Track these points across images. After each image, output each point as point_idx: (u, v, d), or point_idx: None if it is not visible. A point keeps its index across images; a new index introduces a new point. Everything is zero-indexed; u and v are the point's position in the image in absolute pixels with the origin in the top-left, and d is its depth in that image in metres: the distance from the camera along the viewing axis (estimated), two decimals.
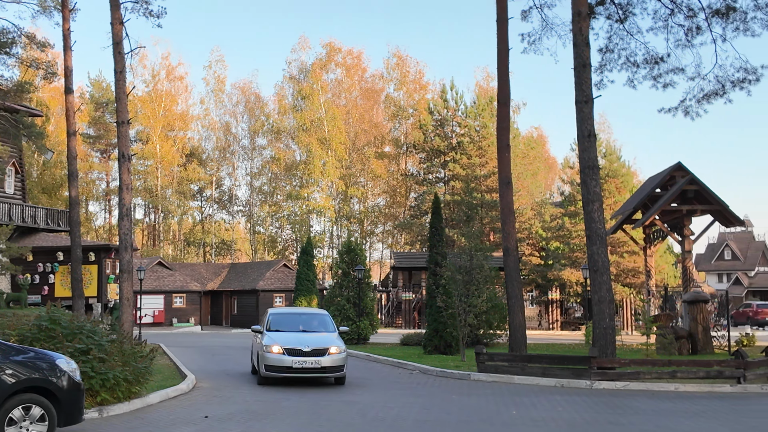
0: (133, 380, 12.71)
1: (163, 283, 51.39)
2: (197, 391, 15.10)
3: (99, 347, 12.23)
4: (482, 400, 14.16)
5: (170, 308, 51.37)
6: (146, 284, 44.21)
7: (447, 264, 24.71)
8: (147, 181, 67.14)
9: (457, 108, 59.36)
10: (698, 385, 16.21)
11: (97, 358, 11.90)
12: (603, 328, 18.26)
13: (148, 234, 74.23)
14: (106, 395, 11.81)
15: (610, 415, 12.46)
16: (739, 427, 11.35)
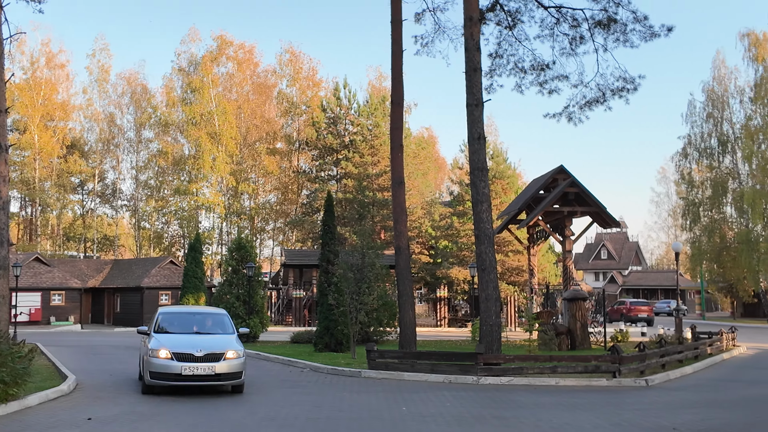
0: (10, 382, 12.15)
1: (41, 280, 49.32)
2: (79, 393, 14.48)
3: None
4: (373, 397, 14.26)
5: (48, 306, 49.43)
6: (22, 281, 42.27)
7: (339, 262, 24.80)
8: (24, 173, 63.90)
9: (350, 106, 59.50)
10: (577, 380, 16.84)
11: None
12: (490, 325, 18.65)
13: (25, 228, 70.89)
14: None
15: (495, 409, 12.75)
16: (614, 419, 11.74)
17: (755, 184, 54.95)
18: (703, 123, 59.13)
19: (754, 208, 53.80)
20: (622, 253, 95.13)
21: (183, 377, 12.81)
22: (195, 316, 15.81)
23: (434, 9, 23.92)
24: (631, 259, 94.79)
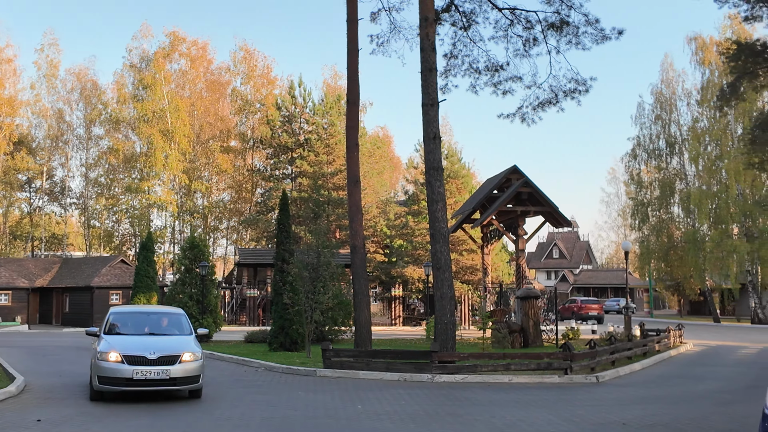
0: None
1: None
2: (28, 394, 14.25)
3: None
4: (328, 396, 14.26)
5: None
6: None
7: (294, 261, 24.71)
8: None
9: (305, 105, 59.38)
10: (530, 377, 17.09)
11: None
12: (444, 324, 18.80)
13: None
14: None
15: (449, 407, 12.90)
16: (566, 414, 11.94)
17: (701, 185, 56.15)
18: (652, 125, 60.18)
19: (700, 209, 54.96)
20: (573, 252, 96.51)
21: (134, 381, 11.87)
22: (149, 316, 14.72)
23: (390, 9, 23.99)
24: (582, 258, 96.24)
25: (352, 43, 21.81)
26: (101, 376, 11.95)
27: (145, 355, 12.00)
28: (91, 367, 12.56)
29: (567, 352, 17.53)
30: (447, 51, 23.73)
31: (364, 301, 22.01)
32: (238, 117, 68.10)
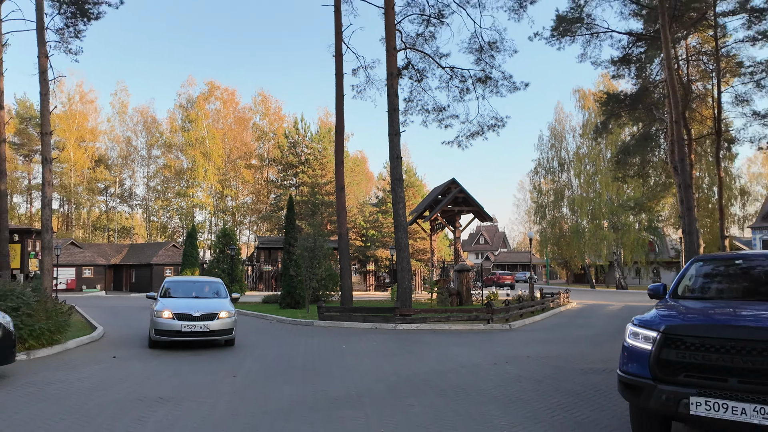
0: (54, 330, 11.98)
1: (75, 258, 47.50)
2: (105, 339, 14.22)
3: (27, 305, 11.48)
4: (322, 339, 14.30)
5: (80, 277, 47.73)
6: (61, 259, 41.41)
7: (297, 245, 24.66)
8: (62, 180, 61.35)
9: (306, 134, 59.18)
10: (463, 325, 17.24)
11: (25, 314, 11.27)
12: (404, 289, 18.91)
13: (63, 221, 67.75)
14: (32, 342, 11.25)
15: (407, 346, 13.00)
16: (488, 350, 12.09)
17: (582, 192, 56.83)
18: (548, 150, 60.71)
19: (581, 209, 55.65)
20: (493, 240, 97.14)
21: (182, 333, 11.52)
22: (195, 283, 14.02)
23: (366, 66, 24.08)
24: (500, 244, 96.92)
25: (339, 91, 21.81)
26: (157, 330, 11.63)
27: (191, 313, 11.65)
28: (150, 322, 12.13)
29: (489, 308, 17.70)
30: (406, 96, 23.92)
31: (347, 273, 22.06)
32: (258, 143, 67.63)
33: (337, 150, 22.11)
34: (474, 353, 11.68)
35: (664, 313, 5.54)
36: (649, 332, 5.32)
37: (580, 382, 8.65)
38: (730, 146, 31.77)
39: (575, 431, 6.02)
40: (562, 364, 10.35)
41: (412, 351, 12.04)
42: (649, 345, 5.26)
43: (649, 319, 5.47)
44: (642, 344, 5.34)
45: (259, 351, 12.01)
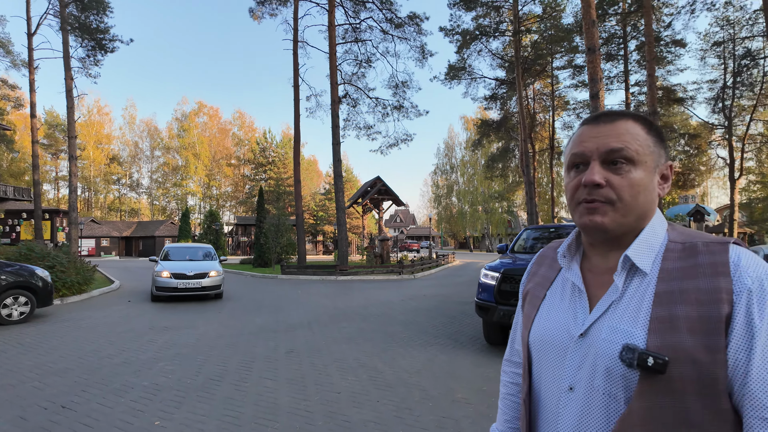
0: (82, 282, 11.40)
1: (94, 232, 44.15)
2: (122, 290, 13.56)
3: (60, 264, 10.87)
4: (283, 287, 14.28)
5: (99, 246, 44.43)
6: (84, 232, 38.65)
7: (266, 222, 24.29)
8: (84, 173, 56.74)
9: (272, 142, 57.44)
10: (383, 276, 17.72)
11: (59, 270, 10.64)
12: (343, 252, 19.13)
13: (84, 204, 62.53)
14: (65, 291, 10.65)
15: (344, 290, 13.26)
16: (399, 291, 12.47)
17: (465, 187, 58.83)
18: (443, 157, 62.30)
19: (464, 199, 57.61)
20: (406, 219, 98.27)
21: (179, 289, 10.47)
22: (190, 249, 12.66)
23: (316, 95, 23.78)
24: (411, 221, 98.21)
25: (296, 112, 21.53)
26: (158, 287, 10.50)
27: (185, 273, 10.62)
28: (151, 281, 10.90)
29: (401, 265, 18.31)
30: (345, 117, 23.85)
31: (302, 242, 22.01)
32: (236, 148, 64.85)
33: (295, 155, 21.89)
34: (389, 294, 12.13)
35: (504, 261, 6.15)
36: (494, 273, 5.91)
37: (456, 310, 9.30)
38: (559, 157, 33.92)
39: (448, 339, 6.59)
40: (445, 299, 11.01)
41: (347, 294, 12.26)
42: (494, 281, 5.85)
43: (494, 265, 6.07)
44: (490, 281, 5.93)
45: (237, 296, 11.96)
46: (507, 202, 50.11)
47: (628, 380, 0.73)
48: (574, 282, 0.88)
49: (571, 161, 0.85)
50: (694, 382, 0.69)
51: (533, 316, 0.92)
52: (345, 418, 3.58)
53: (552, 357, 0.84)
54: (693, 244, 0.78)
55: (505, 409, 1.04)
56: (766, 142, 28.05)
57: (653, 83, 16.99)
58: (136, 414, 3.64)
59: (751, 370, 0.68)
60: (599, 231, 0.82)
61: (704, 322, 0.71)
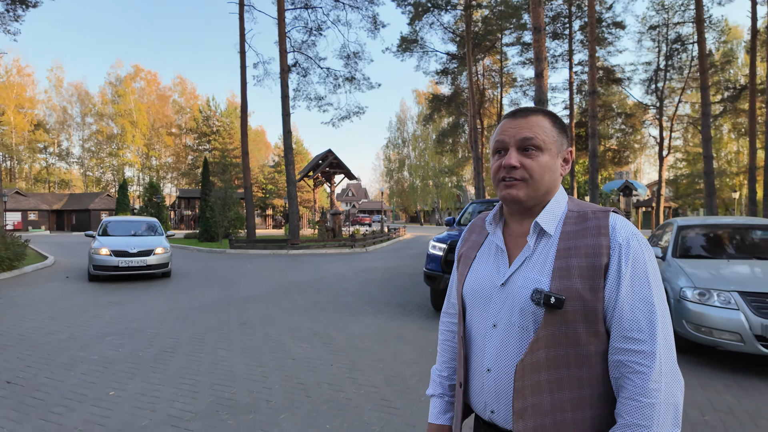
0: (13, 258, 10.68)
1: (20, 204, 40.74)
2: (57, 266, 12.80)
3: None
4: (233, 262, 14.09)
5: (26, 220, 41.17)
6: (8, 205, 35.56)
7: (212, 195, 23.50)
8: (3, 139, 51.60)
9: (216, 111, 54.83)
10: (335, 250, 17.89)
11: None
12: (294, 225, 19.03)
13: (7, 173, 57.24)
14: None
15: (296, 264, 13.28)
16: (351, 264, 12.70)
17: (417, 162, 59.54)
18: (395, 131, 62.39)
19: (416, 173, 58.40)
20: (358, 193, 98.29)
21: (120, 268, 9.36)
22: (132, 222, 11.31)
23: (264, 62, 23.08)
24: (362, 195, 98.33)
25: (243, 80, 20.67)
26: (95, 265, 9.34)
27: (128, 250, 9.51)
28: (88, 258, 9.64)
29: (353, 238, 18.54)
30: (294, 87, 23.18)
31: (251, 215, 21.55)
32: (177, 116, 61.35)
33: (242, 125, 21.18)
34: (341, 267, 12.33)
35: (451, 233, 6.51)
36: (441, 245, 6.26)
37: (406, 281, 9.70)
38: None
39: (398, 307, 6.93)
40: (396, 271, 11.39)
41: (299, 267, 12.29)
42: (441, 252, 6.20)
43: (442, 237, 6.42)
44: (437, 252, 6.27)
45: (185, 270, 11.67)
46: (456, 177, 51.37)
47: (536, 315, 0.96)
48: (498, 244, 1.09)
49: (494, 147, 1.06)
50: (581, 313, 0.93)
51: (466, 273, 1.13)
52: (300, 381, 3.79)
53: (480, 303, 1.06)
54: (584, 212, 1.02)
55: (442, 352, 1.27)
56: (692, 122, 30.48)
57: (594, 64, 17.92)
58: (88, 386, 3.65)
59: (617, 303, 0.93)
60: (515, 202, 1.04)
61: (590, 269, 0.94)
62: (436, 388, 1.24)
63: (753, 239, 5.23)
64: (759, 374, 3.94)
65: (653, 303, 0.92)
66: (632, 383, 0.89)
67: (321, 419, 3.07)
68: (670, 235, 5.48)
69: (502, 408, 0.99)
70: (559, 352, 0.93)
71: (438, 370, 1.26)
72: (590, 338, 0.93)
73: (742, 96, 23.98)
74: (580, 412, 0.93)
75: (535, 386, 0.94)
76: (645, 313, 0.91)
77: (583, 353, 0.93)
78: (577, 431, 0.93)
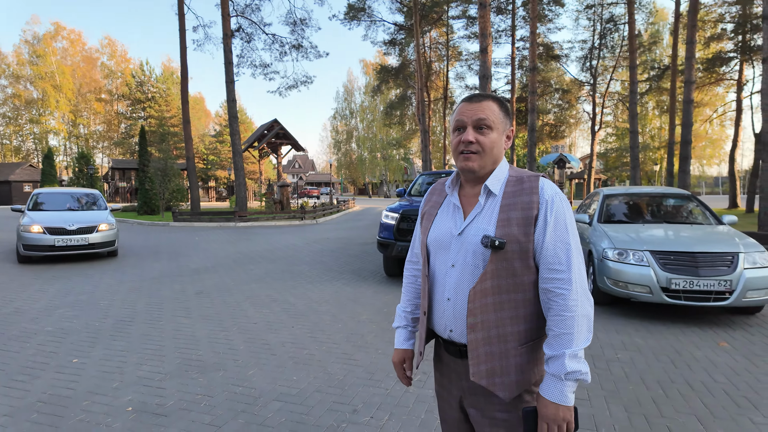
0: None
1: None
2: None
3: None
4: (179, 235, 13.69)
5: None
6: None
7: (151, 166, 22.32)
8: None
9: (151, 76, 51.06)
10: (285, 222, 17.78)
11: None
12: (241, 197, 18.67)
13: None
14: None
15: (245, 236, 13.18)
16: (301, 236, 12.81)
17: (365, 133, 59.29)
18: (343, 102, 61.40)
19: (364, 145, 58.24)
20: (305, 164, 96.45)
21: (57, 248, 8.12)
22: (69, 195, 9.77)
23: (204, 26, 21.90)
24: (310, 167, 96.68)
25: (182, 44, 19.46)
26: (26, 245, 8.04)
27: (65, 227, 8.21)
28: (17, 237, 8.28)
29: (302, 210, 18.51)
30: (238, 53, 22.18)
31: (195, 187, 20.78)
32: (107, 80, 56.50)
33: (182, 92, 20.06)
34: (292, 238, 12.40)
35: (403, 204, 6.83)
36: (394, 214, 6.57)
37: (358, 250, 10.01)
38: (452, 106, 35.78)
39: (352, 274, 7.24)
40: (348, 241, 11.66)
41: (249, 239, 12.23)
42: (393, 221, 6.52)
43: (394, 207, 6.73)
44: (390, 221, 6.59)
45: (128, 243, 11.25)
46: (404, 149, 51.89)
47: (485, 255, 1.25)
48: (455, 203, 1.37)
49: (454, 125, 1.32)
50: (518, 252, 1.23)
51: (429, 227, 1.40)
52: (264, 342, 4.00)
53: (442, 249, 1.34)
54: (521, 177, 1.31)
55: (406, 292, 1.55)
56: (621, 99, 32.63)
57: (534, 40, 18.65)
58: (48, 355, 3.64)
59: (544, 244, 1.23)
60: (471, 172, 1.31)
61: (524, 219, 1.24)
62: (401, 321, 1.52)
63: (665, 206, 6.00)
64: (662, 319, 4.66)
65: (570, 243, 1.23)
66: (557, 303, 1.21)
67: (287, 373, 3.32)
68: (597, 203, 6.14)
69: (459, 327, 1.28)
70: (501, 282, 1.23)
71: (403, 306, 1.53)
72: (524, 270, 1.24)
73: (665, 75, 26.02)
74: (516, 326, 1.24)
75: (484, 307, 1.23)
76: (564, 251, 1.23)
77: (519, 282, 1.24)
78: (514, 340, 1.24)
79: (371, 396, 2.94)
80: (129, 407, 2.79)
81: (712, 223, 5.48)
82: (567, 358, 1.15)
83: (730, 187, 25.02)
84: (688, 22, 16.81)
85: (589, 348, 3.82)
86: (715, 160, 42.11)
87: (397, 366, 1.48)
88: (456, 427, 1.38)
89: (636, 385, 3.11)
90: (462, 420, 1.37)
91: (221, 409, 2.77)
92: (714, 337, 4.09)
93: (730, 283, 4.29)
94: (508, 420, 1.26)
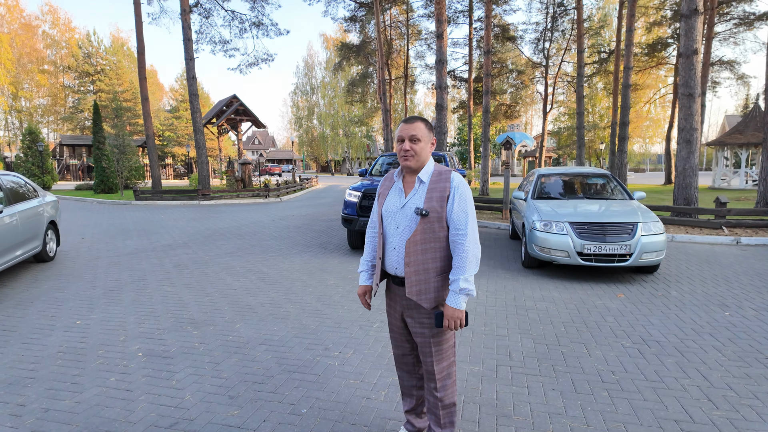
0: None
1: None
2: None
3: None
4: (143, 213, 13.67)
5: None
6: None
7: (107, 143, 21.65)
8: None
9: (99, 47, 48.13)
10: (249, 200, 17.90)
11: None
12: (203, 176, 18.58)
13: None
14: None
15: (211, 214, 13.33)
16: (267, 213, 13.09)
17: (326, 110, 58.67)
18: (303, 77, 60.29)
19: (326, 122, 57.73)
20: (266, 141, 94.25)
21: None
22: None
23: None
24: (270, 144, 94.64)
25: (138, 18, 18.75)
26: None
27: None
28: None
29: (266, 188, 18.69)
30: (197, 29, 21.61)
31: (155, 165, 20.44)
32: (50, 50, 52.60)
33: (140, 67, 19.42)
34: (258, 215, 12.74)
35: (365, 183, 7.47)
36: (356, 192, 7.20)
37: (324, 226, 10.59)
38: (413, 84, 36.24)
39: (319, 247, 7.86)
40: (313, 218, 12.17)
41: (215, 216, 12.45)
42: (356, 199, 7.16)
43: (357, 186, 7.36)
44: (353, 199, 7.22)
45: (93, 222, 11.28)
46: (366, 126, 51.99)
47: (416, 220, 1.94)
48: (400, 187, 2.05)
49: (397, 138, 1.99)
50: (436, 218, 1.93)
51: (383, 202, 2.08)
52: (245, 303, 4.62)
53: (390, 217, 2.02)
54: (440, 171, 2.00)
55: (368, 247, 2.23)
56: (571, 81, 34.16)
57: (490, 24, 19.37)
58: (52, 318, 4.11)
59: (452, 213, 1.94)
60: (409, 168, 1.99)
61: (441, 198, 1.94)
62: (363, 266, 2.21)
63: (588, 184, 6.97)
64: (578, 278, 5.63)
65: (468, 213, 1.94)
66: (458, 248, 1.92)
67: (269, 326, 3.97)
68: (532, 182, 7.03)
69: (401, 266, 1.99)
70: (426, 236, 1.93)
71: (365, 257, 2.22)
72: (440, 229, 1.94)
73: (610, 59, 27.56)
74: (435, 263, 1.96)
75: (415, 252, 1.94)
76: (464, 217, 1.94)
77: (437, 236, 1.94)
78: (433, 272, 1.95)
79: (339, 338, 3.66)
80: (139, 353, 3.37)
81: (625, 198, 6.49)
82: (461, 281, 1.88)
83: (665, 164, 27.22)
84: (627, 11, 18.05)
85: (515, 299, 4.69)
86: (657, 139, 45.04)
87: (361, 296, 2.17)
88: (399, 332, 2.12)
89: (545, 325, 3.99)
90: (402, 326, 2.10)
91: (217, 352, 3.40)
92: (615, 290, 5.08)
93: (629, 247, 5.28)
94: (429, 321, 1.99)
